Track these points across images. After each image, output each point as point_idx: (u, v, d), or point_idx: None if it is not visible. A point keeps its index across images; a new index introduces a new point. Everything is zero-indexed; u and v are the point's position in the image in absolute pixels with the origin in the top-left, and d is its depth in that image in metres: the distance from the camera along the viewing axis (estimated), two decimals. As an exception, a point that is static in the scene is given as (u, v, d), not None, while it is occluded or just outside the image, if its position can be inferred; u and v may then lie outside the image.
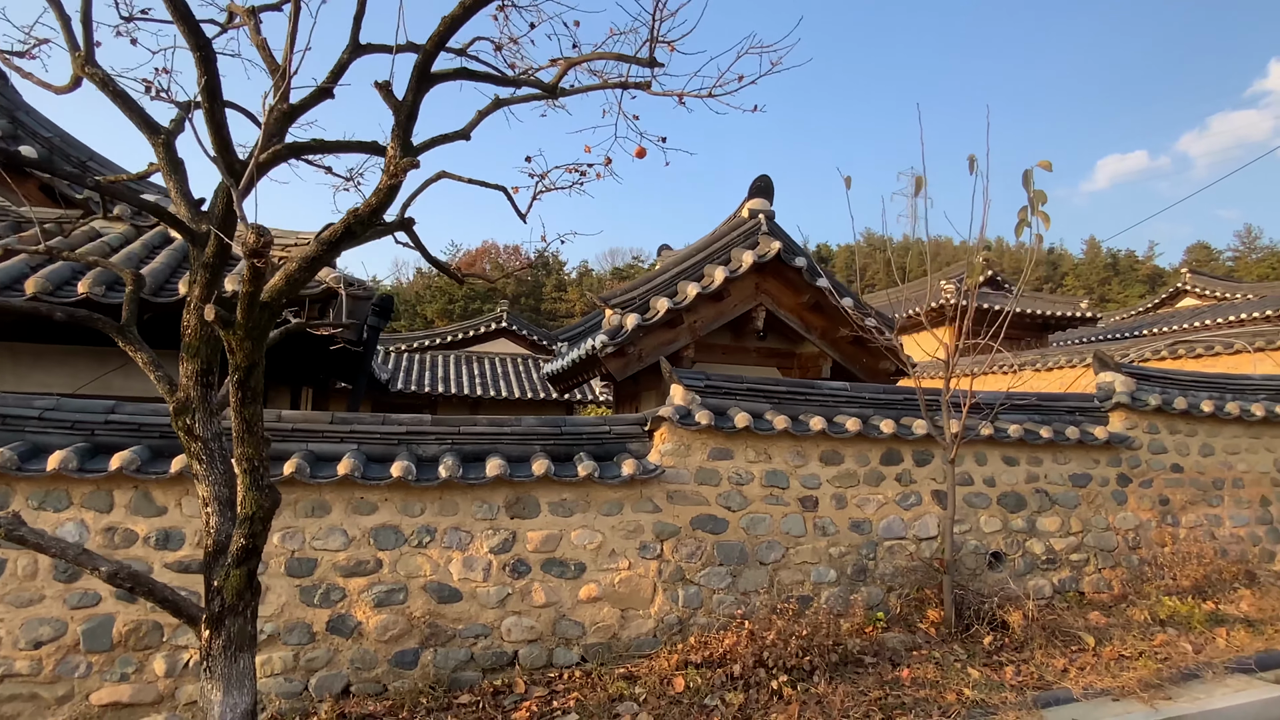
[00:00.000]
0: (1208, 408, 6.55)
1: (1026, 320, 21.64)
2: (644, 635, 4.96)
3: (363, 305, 6.35)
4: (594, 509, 4.97)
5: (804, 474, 5.49)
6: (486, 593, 4.70)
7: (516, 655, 4.72)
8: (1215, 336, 12.00)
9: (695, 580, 5.11)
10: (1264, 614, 5.44)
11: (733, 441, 5.33)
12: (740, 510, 5.29)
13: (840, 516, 5.53)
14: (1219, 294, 24.24)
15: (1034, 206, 4.83)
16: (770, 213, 8.34)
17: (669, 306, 7.45)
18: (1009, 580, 5.81)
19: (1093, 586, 6.06)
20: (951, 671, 4.53)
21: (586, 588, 4.88)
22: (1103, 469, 6.32)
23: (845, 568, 5.47)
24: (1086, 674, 4.51)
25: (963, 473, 5.90)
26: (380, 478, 4.54)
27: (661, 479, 5.12)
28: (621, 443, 5.29)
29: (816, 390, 5.80)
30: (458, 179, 4.43)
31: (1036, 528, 6.03)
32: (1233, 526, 6.63)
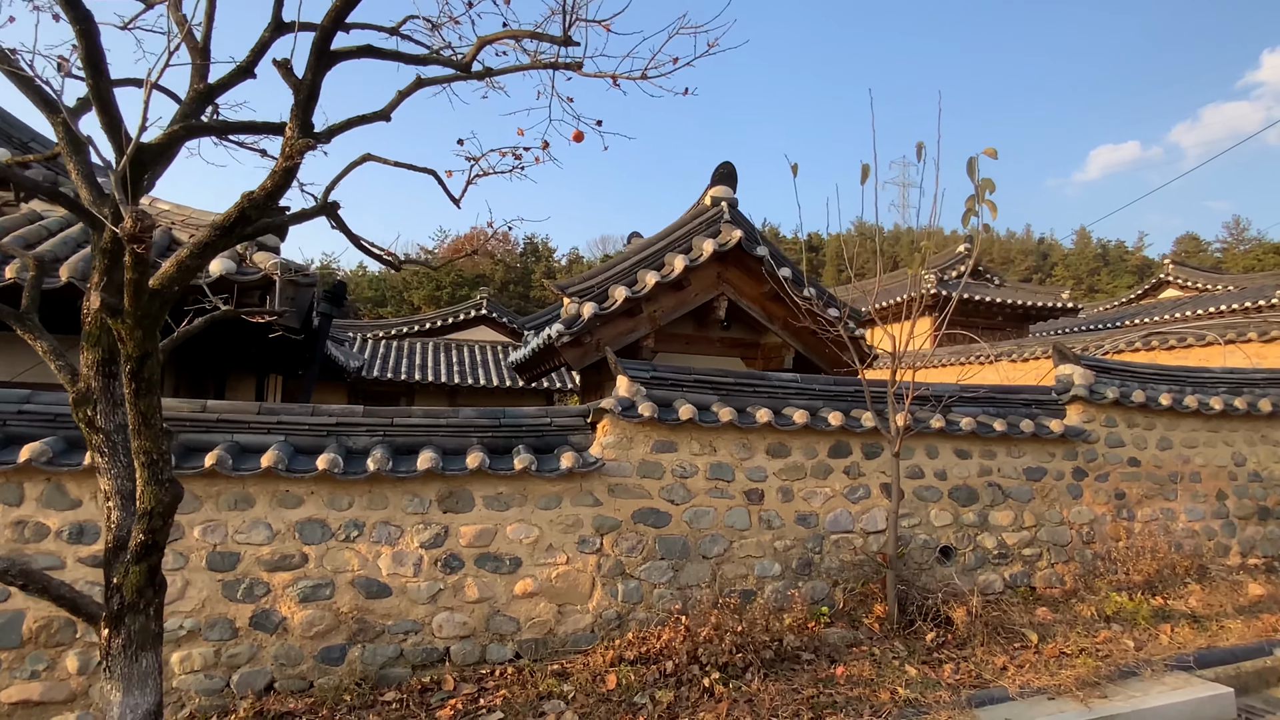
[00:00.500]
0: (1166, 401, 6.49)
1: (1007, 310, 21.62)
2: (582, 631, 4.87)
3: (305, 292, 6.18)
4: (531, 503, 4.86)
5: (750, 466, 5.39)
6: (417, 588, 4.60)
7: (448, 652, 4.62)
8: (1188, 328, 11.97)
9: (635, 575, 5.02)
10: (1211, 609, 5.40)
11: (677, 434, 5.23)
12: (684, 503, 5.20)
13: (786, 509, 5.45)
14: (1200, 285, 24.24)
15: (980, 195, 4.73)
16: (733, 200, 8.21)
17: (627, 295, 7.32)
18: (958, 575, 5.75)
19: (1045, 581, 6.00)
20: (889, 669, 4.47)
21: (522, 583, 4.79)
22: (1058, 462, 6.26)
23: (790, 561, 5.39)
24: (1025, 672, 4.45)
25: (913, 465, 5.82)
26: (306, 470, 4.42)
27: (602, 472, 5.01)
28: (563, 435, 5.18)
29: (765, 382, 5.70)
30: (384, 162, 4.30)
31: (989, 522, 5.97)
32: (1188, 521, 6.59)
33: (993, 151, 4.53)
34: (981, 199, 4.73)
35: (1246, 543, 6.73)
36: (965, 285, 21.53)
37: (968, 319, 21.74)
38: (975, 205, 4.77)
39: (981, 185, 4.71)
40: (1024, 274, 67.68)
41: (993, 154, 4.54)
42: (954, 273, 22.66)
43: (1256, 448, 6.97)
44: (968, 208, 4.81)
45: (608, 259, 71.61)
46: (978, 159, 4.55)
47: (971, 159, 4.56)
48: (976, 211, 4.79)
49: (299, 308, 6.23)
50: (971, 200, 4.76)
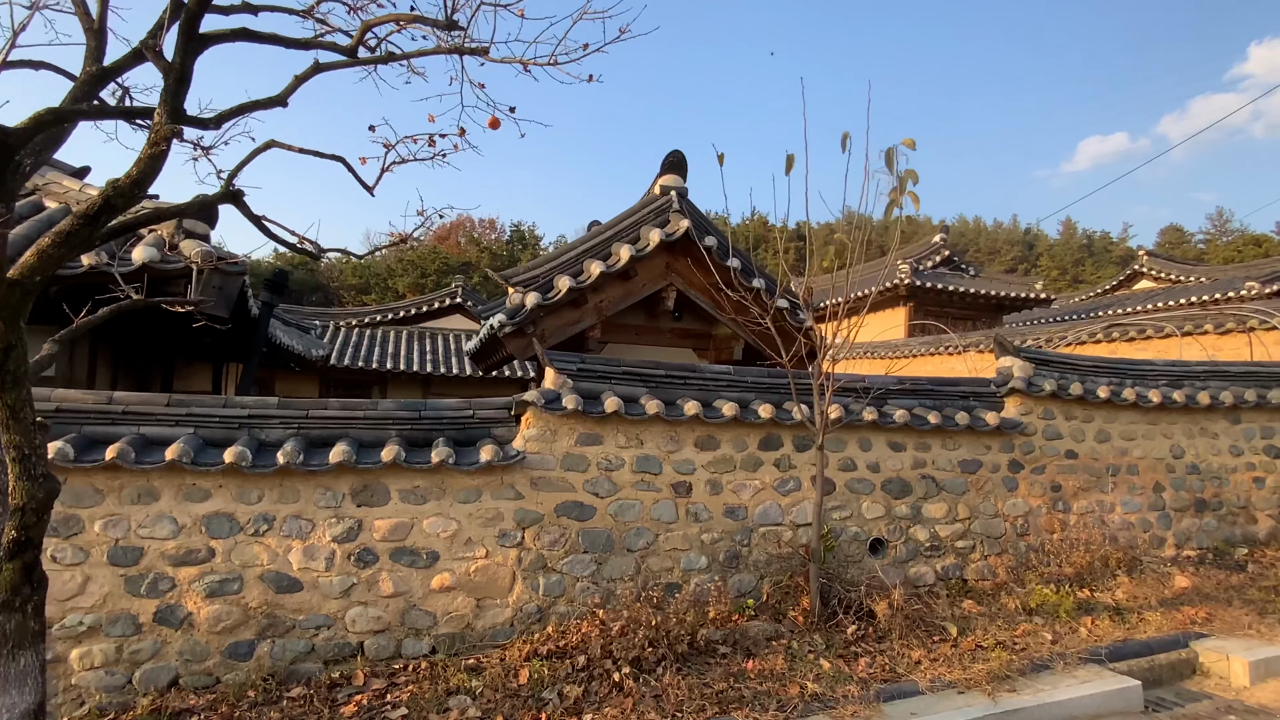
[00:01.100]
0: (1104, 393, 6.49)
1: (980, 301, 21.68)
2: (501, 625, 4.83)
3: (233, 281, 6.07)
4: (450, 496, 4.80)
5: (678, 459, 5.35)
6: (329, 583, 4.53)
7: (362, 646, 4.57)
8: (1147, 320, 12.02)
9: (557, 568, 4.98)
10: (1135, 602, 5.43)
11: (603, 426, 5.18)
12: (609, 497, 5.15)
13: (715, 502, 5.41)
14: (1174, 277, 24.41)
15: (902, 187, 4.68)
16: (683, 189, 8.13)
17: (571, 286, 7.24)
18: (889, 567, 5.75)
19: (977, 574, 6.02)
20: (803, 663, 4.46)
21: (439, 577, 4.73)
22: (994, 454, 6.26)
23: (717, 555, 5.36)
24: (940, 665, 4.46)
25: (846, 458, 5.80)
26: (213, 463, 4.34)
27: (524, 465, 4.96)
28: (486, 428, 5.12)
29: (698, 374, 5.65)
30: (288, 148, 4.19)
31: (922, 514, 5.97)
32: (1124, 513, 6.62)
33: (911, 142, 4.48)
34: (903, 190, 4.68)
35: (1182, 535, 6.77)
36: (940, 275, 21.60)
37: (942, 309, 21.78)
38: (899, 197, 4.72)
39: (903, 177, 4.66)
40: (1009, 264, 68.06)
41: (911, 145, 4.49)
42: (929, 263, 22.69)
43: (1195, 440, 7.00)
44: (891, 199, 4.76)
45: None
46: (896, 150, 4.50)
47: (889, 150, 4.51)
48: (900, 204, 4.74)
49: (227, 296, 6.11)
50: (894, 191, 4.71)
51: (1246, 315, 10.57)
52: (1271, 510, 7.13)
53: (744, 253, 8.32)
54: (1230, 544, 6.85)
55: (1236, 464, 7.12)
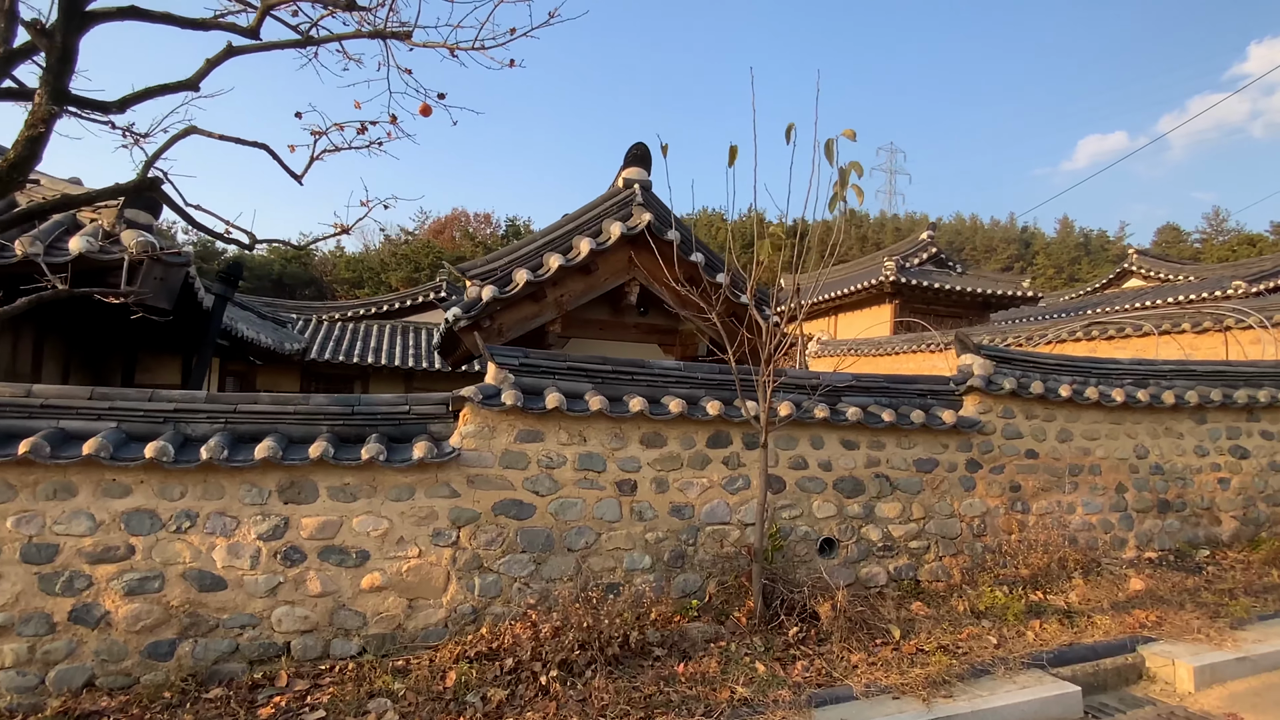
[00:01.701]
0: (1065, 392, 6.39)
1: (966, 299, 21.58)
2: (433, 626, 4.72)
3: (175, 272, 5.95)
4: (381, 494, 4.68)
5: (623, 457, 5.24)
6: (254, 581, 4.42)
7: (289, 647, 4.46)
8: (1126, 319, 11.93)
9: (494, 568, 4.87)
10: (1087, 605, 5.33)
11: (544, 423, 5.06)
12: (549, 495, 5.04)
13: (660, 501, 5.31)
14: (1163, 275, 24.32)
15: (844, 180, 4.57)
16: (647, 183, 8.01)
17: (528, 279, 7.12)
18: (840, 568, 5.65)
19: (931, 575, 5.92)
20: (738, 666, 4.35)
21: (370, 576, 4.62)
22: (951, 454, 6.15)
23: (662, 554, 5.26)
24: (878, 670, 4.35)
25: (797, 456, 5.70)
26: (133, 458, 4.22)
27: (460, 462, 4.84)
28: (422, 424, 5.00)
29: (646, 370, 5.54)
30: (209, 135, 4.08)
31: (875, 514, 5.86)
32: (1085, 514, 6.52)
33: (851, 134, 4.36)
34: (845, 184, 4.57)
35: (1144, 536, 6.68)
36: (926, 273, 21.52)
37: (929, 306, 21.69)
38: (842, 191, 4.61)
39: (845, 170, 4.54)
40: (1005, 262, 67.99)
41: (851, 136, 4.37)
42: (915, 260, 22.58)
43: (1160, 440, 6.90)
44: (834, 193, 4.65)
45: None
46: (835, 141, 4.38)
47: (829, 141, 4.39)
48: (843, 197, 4.63)
49: (169, 288, 6.00)
50: (837, 185, 4.60)
51: (1223, 314, 10.47)
52: (1236, 511, 7.04)
53: (709, 248, 8.20)
54: (1193, 545, 6.75)
55: (1201, 464, 7.02)
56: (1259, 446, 7.26)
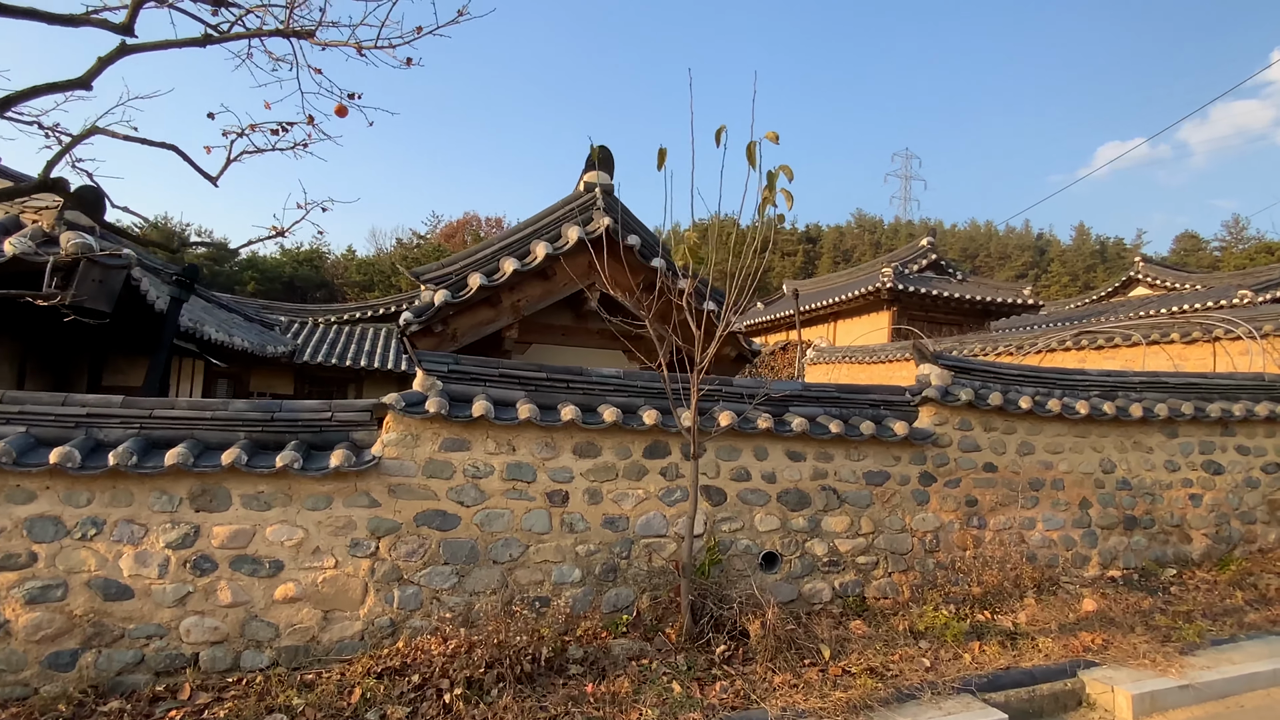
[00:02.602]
0: (1025, 404, 6.19)
1: (966, 306, 21.30)
2: (350, 639, 4.61)
3: (115, 274, 5.89)
4: (297, 502, 4.58)
5: (554, 467, 5.11)
6: (163, 590, 4.32)
7: (197, 658, 4.36)
8: (1116, 328, 11.66)
9: (414, 580, 4.75)
10: (1035, 626, 5.13)
11: (470, 431, 4.94)
12: (475, 506, 4.91)
13: (593, 512, 5.17)
14: (1169, 284, 23.88)
15: (771, 184, 4.43)
16: (609, 186, 7.89)
17: (482, 284, 7.02)
18: (782, 583, 5.49)
19: (879, 591, 5.73)
20: (652, 686, 4.20)
21: (284, 587, 4.51)
22: (904, 466, 5.97)
23: (593, 567, 5.11)
24: (799, 692, 4.19)
25: (739, 467, 5.54)
26: (37, 464, 4.14)
27: (381, 471, 4.73)
28: (345, 431, 4.89)
29: (583, 378, 5.41)
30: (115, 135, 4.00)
31: (821, 527, 5.69)
32: (1046, 530, 6.31)
33: (773, 136, 4.22)
34: (773, 188, 4.42)
35: (1108, 553, 6.45)
36: (925, 280, 21.28)
37: (927, 314, 21.46)
38: (771, 195, 4.47)
39: (773, 173, 4.40)
40: (1020, 269, 67.37)
41: (773, 138, 4.22)
42: (914, 267, 22.32)
43: (1128, 454, 6.67)
44: (764, 197, 4.51)
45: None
46: (758, 144, 4.24)
47: (751, 144, 4.25)
48: (772, 201, 4.49)
49: (109, 290, 5.94)
50: (766, 189, 4.45)
51: (1213, 325, 10.19)
52: (1207, 529, 6.79)
53: (669, 252, 8.06)
54: (1160, 564, 6.52)
55: (1172, 480, 6.79)
56: (1234, 462, 7.01)
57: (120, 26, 3.20)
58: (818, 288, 26.76)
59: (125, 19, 3.20)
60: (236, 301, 18.80)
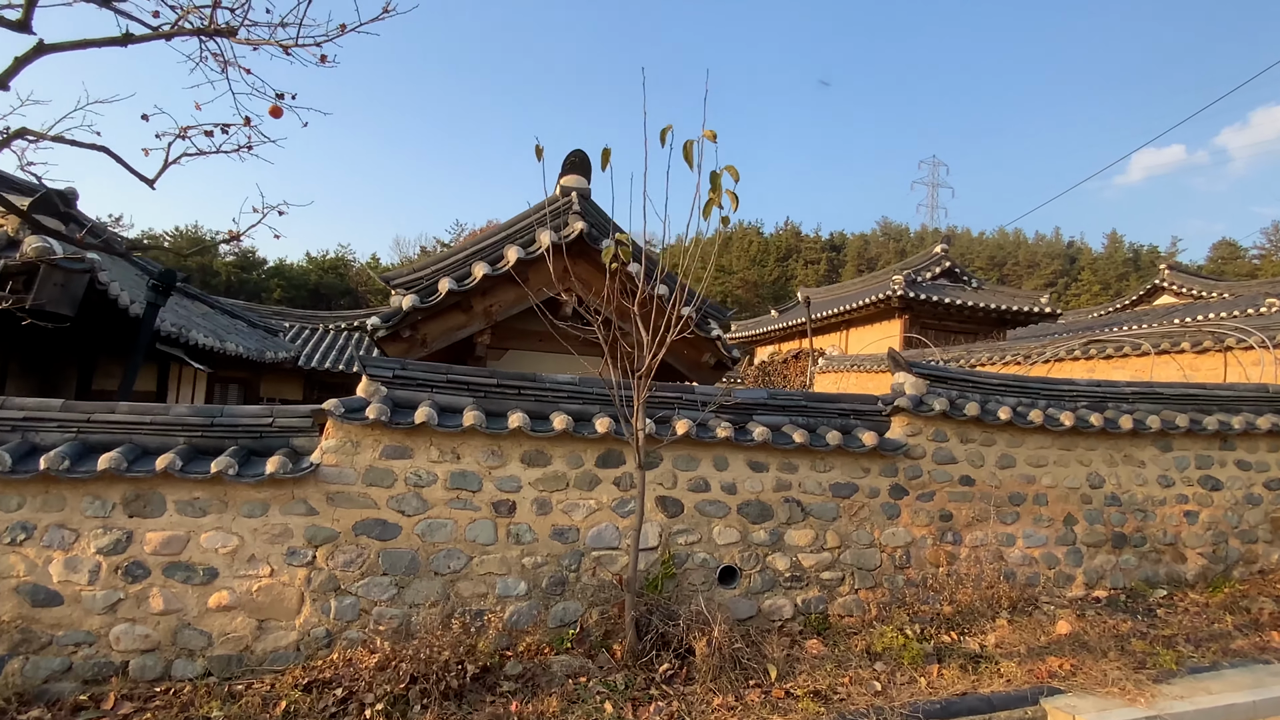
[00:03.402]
0: (1004, 414, 5.92)
1: (981, 315, 20.80)
2: (284, 649, 4.51)
3: (77, 279, 5.91)
4: (233, 509, 4.50)
5: (501, 476, 4.98)
6: (93, 597, 4.27)
7: (127, 666, 4.29)
8: (1125, 337, 11.25)
9: (352, 591, 4.64)
10: (1002, 649, 4.87)
11: (413, 439, 4.84)
12: (417, 515, 4.80)
13: (542, 523, 5.02)
14: (1195, 292, 23.18)
15: (715, 184, 4.27)
16: (585, 190, 7.78)
17: (451, 289, 6.94)
18: (741, 599, 5.29)
19: (844, 609, 5.50)
20: (582, 707, 4.04)
21: (217, 595, 4.43)
22: (874, 478, 5.74)
23: (540, 580, 4.96)
24: (736, 715, 4.00)
25: (698, 478, 5.36)
26: (-34, 469, 4.11)
27: (320, 478, 4.64)
28: (285, 437, 4.82)
29: (535, 384, 5.28)
30: (39, 136, 3.97)
31: (784, 541, 5.48)
32: (1026, 547, 6.02)
33: (711, 134, 4.06)
34: (717, 188, 4.26)
35: (1094, 573, 6.14)
36: (938, 288, 20.85)
37: (941, 322, 21.01)
38: (717, 197, 4.30)
39: (717, 174, 4.24)
40: (1049, 278, 66.13)
41: (711, 136, 4.06)
42: (928, 274, 21.90)
43: (1118, 468, 6.36)
44: (710, 199, 4.34)
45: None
46: (695, 143, 4.08)
47: (688, 143, 4.08)
48: (719, 203, 4.32)
49: (71, 295, 5.95)
50: (714, 192, 4.29)
51: (1224, 334, 9.77)
52: (1204, 548, 6.45)
53: (651, 258, 7.91)
54: (1151, 584, 6.19)
55: (1165, 495, 6.46)
56: (1234, 477, 6.65)
57: (17, 23, 3.15)
58: (831, 295, 26.40)
59: (21, 15, 3.16)
60: (246, 308, 19.04)
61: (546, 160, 4.47)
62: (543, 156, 4.70)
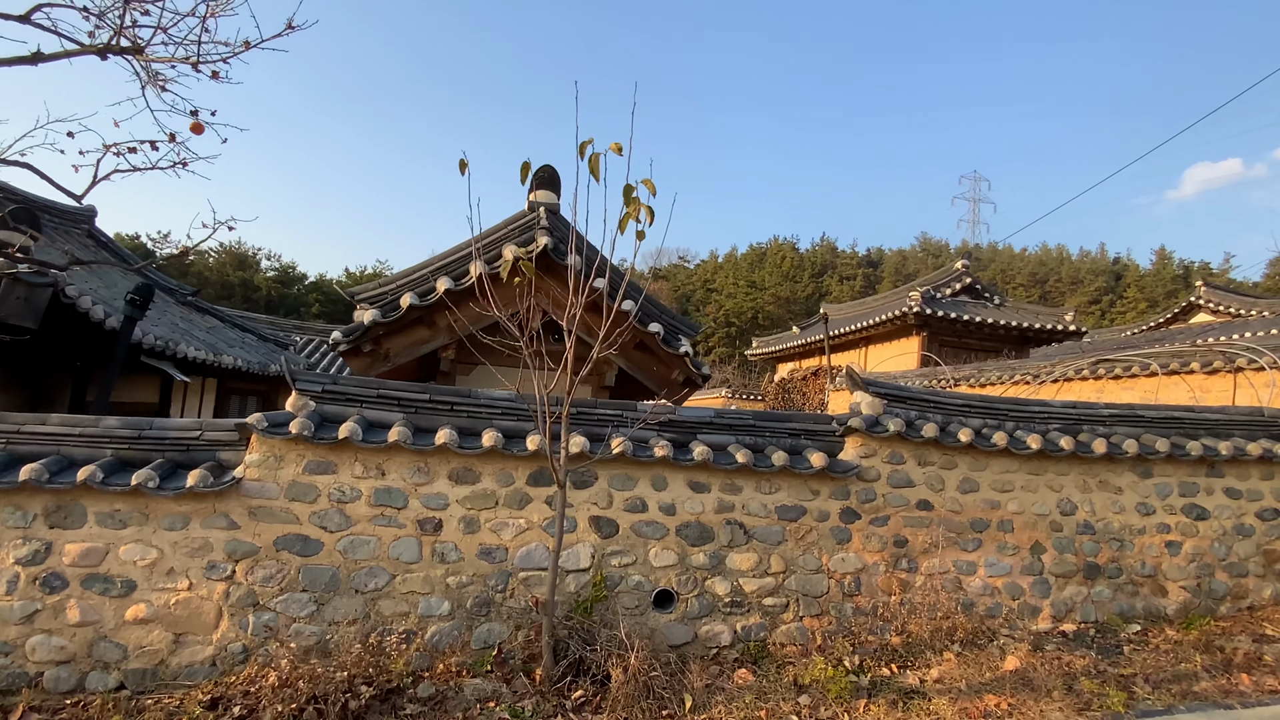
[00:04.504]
0: (965, 436, 5.67)
1: (1001, 332, 20.25)
2: (200, 663, 4.49)
3: (40, 293, 6.05)
4: (154, 522, 4.52)
5: (428, 493, 4.92)
6: (9, 607, 4.31)
7: (40, 677, 4.32)
8: (1134, 357, 10.79)
9: (270, 606, 4.61)
10: (941, 684, 4.61)
11: (337, 454, 4.81)
12: (340, 531, 4.76)
13: (469, 542, 4.94)
14: (1233, 310, 22.19)
15: (628, 198, 4.18)
16: (554, 205, 7.76)
17: (413, 303, 6.95)
18: (676, 624, 5.13)
19: (787, 637, 5.29)
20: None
21: (135, 608, 4.44)
22: (823, 501, 5.53)
23: (465, 600, 4.87)
24: (638, 747, 3.84)
25: (635, 498, 5.23)
26: (-109, 478, 4.20)
27: (242, 492, 4.63)
28: (212, 450, 4.83)
29: (468, 400, 5.22)
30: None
31: (725, 565, 5.31)
32: (988, 576, 5.73)
33: (617, 147, 3.98)
34: (629, 201, 4.18)
35: (1063, 605, 5.81)
36: (958, 304, 20.39)
37: (960, 339, 20.52)
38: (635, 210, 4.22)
39: (629, 186, 4.15)
40: (1093, 295, 64.32)
41: (618, 150, 3.98)
42: (947, 291, 21.40)
43: (1092, 494, 6.03)
44: (626, 213, 4.26)
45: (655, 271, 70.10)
46: (601, 157, 3.99)
47: (594, 156, 4.01)
48: (636, 217, 4.24)
49: (35, 308, 6.10)
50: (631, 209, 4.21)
51: (1235, 354, 9.30)
52: (1186, 581, 6.06)
53: (620, 274, 7.84)
54: (1126, 618, 5.84)
55: (1145, 524, 6.10)
56: (1222, 506, 6.26)
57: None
58: (850, 312, 25.98)
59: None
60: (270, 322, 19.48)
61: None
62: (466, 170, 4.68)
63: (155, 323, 9.74)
